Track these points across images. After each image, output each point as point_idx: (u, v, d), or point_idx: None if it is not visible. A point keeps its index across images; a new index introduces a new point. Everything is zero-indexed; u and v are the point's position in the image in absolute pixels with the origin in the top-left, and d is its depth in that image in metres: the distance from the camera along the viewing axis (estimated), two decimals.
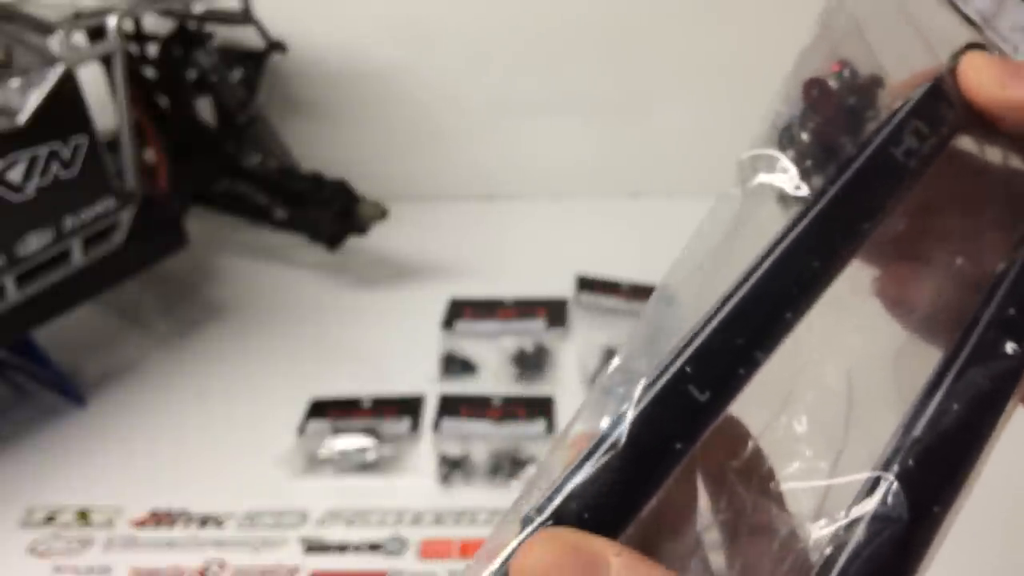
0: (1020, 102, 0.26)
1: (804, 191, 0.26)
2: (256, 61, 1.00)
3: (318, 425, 0.77)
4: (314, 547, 0.66)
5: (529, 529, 0.21)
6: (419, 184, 1.16)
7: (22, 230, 0.71)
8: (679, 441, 0.22)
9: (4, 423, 0.79)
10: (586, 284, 0.93)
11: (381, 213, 0.94)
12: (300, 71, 1.10)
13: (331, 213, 0.94)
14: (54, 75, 0.71)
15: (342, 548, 0.66)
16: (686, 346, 0.23)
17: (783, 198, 0.26)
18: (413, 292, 0.97)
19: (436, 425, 0.76)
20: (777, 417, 0.26)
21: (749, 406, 0.24)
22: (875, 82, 0.28)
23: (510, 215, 1.13)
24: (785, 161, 0.26)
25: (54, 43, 0.73)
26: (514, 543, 0.21)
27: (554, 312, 0.90)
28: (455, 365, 0.83)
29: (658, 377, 0.22)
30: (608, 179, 1.14)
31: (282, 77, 1.10)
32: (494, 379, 0.82)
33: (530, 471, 0.71)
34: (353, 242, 0.97)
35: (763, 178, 0.26)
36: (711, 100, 1.06)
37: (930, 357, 0.25)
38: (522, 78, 1.11)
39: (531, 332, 0.87)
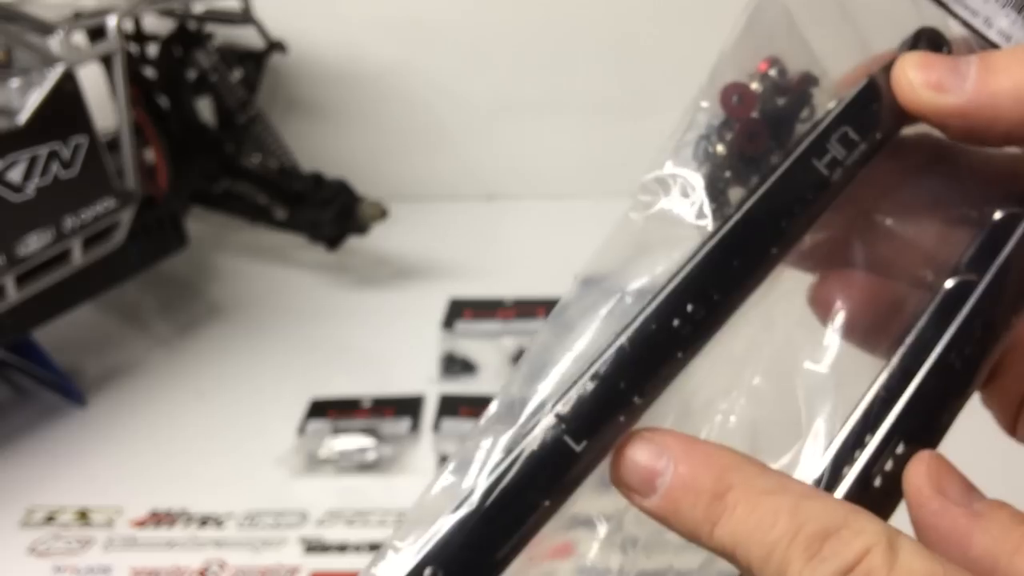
0: (957, 109, 0.23)
1: (707, 220, 0.24)
2: (256, 61, 1.00)
3: (318, 425, 0.77)
4: (314, 547, 0.66)
5: None
6: (419, 184, 1.16)
7: (22, 230, 0.71)
8: (547, 498, 0.21)
9: (4, 423, 0.79)
10: (585, 284, 0.93)
11: (381, 213, 0.94)
12: (300, 71, 1.10)
13: (331, 213, 0.94)
14: (54, 75, 0.71)
15: (342, 548, 0.66)
16: (564, 392, 0.22)
17: (694, 225, 0.24)
18: (413, 292, 0.97)
19: (436, 425, 0.76)
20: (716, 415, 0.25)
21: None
22: (808, 80, 0.25)
23: (510, 215, 1.13)
24: (693, 179, 0.24)
25: (54, 43, 0.73)
26: None
27: None
28: (455, 365, 0.83)
29: (529, 427, 0.21)
30: (608, 179, 1.14)
31: (282, 77, 1.10)
32: (494, 379, 0.82)
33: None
34: (353, 242, 0.97)
35: (664, 204, 0.25)
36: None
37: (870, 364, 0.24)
38: (522, 78, 1.11)
39: (531, 332, 0.87)
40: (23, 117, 0.69)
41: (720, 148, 0.24)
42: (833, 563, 0.19)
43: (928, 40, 0.26)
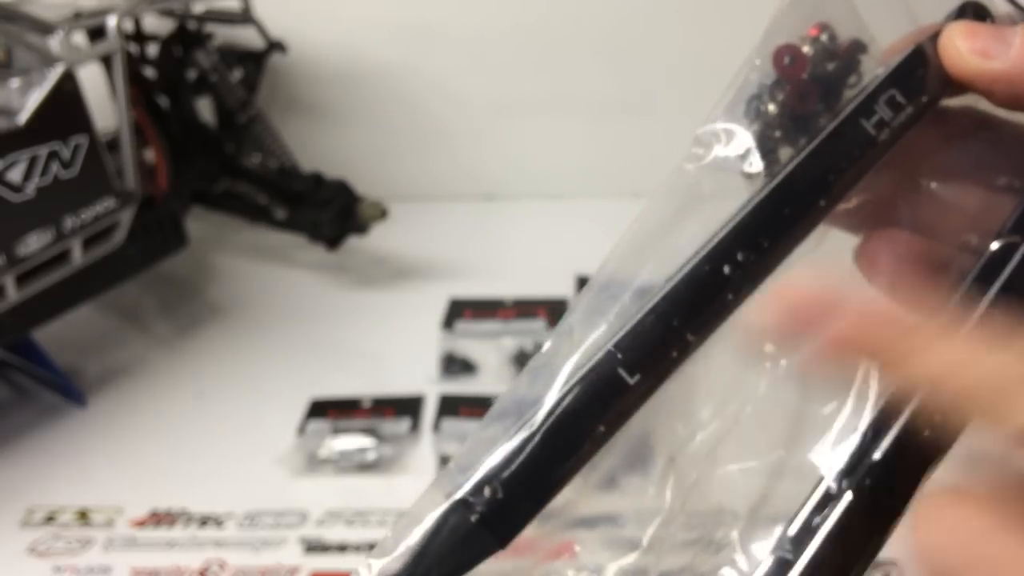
0: (1003, 74, 0.24)
1: (758, 168, 0.25)
2: (256, 61, 1.00)
3: (318, 425, 0.77)
4: (314, 547, 0.66)
5: (446, 505, 0.21)
6: (419, 184, 1.16)
7: (22, 230, 0.71)
8: (603, 424, 0.21)
9: (4, 423, 0.79)
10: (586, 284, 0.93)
11: (381, 213, 0.94)
12: (300, 71, 1.10)
13: (331, 213, 0.94)
14: (54, 75, 0.71)
15: (342, 548, 0.66)
16: (622, 327, 0.22)
17: (745, 174, 0.25)
18: (413, 292, 0.97)
19: (436, 425, 0.76)
20: (725, 406, 0.26)
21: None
22: (857, 47, 0.26)
23: (510, 215, 1.13)
24: (744, 135, 0.25)
25: (54, 43, 0.73)
26: (435, 514, 0.21)
27: (554, 312, 0.90)
28: (455, 365, 0.83)
29: (588, 360, 0.22)
30: (608, 179, 1.14)
31: (282, 77, 1.10)
32: (494, 379, 0.82)
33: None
34: (353, 242, 0.97)
35: (717, 152, 0.25)
36: (712, 100, 1.05)
37: None
38: (522, 78, 1.11)
39: (531, 332, 0.87)
40: (23, 117, 0.69)
41: (771, 107, 0.25)
42: None
43: (974, 12, 0.26)
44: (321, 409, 0.79)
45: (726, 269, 0.23)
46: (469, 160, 1.17)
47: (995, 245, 0.24)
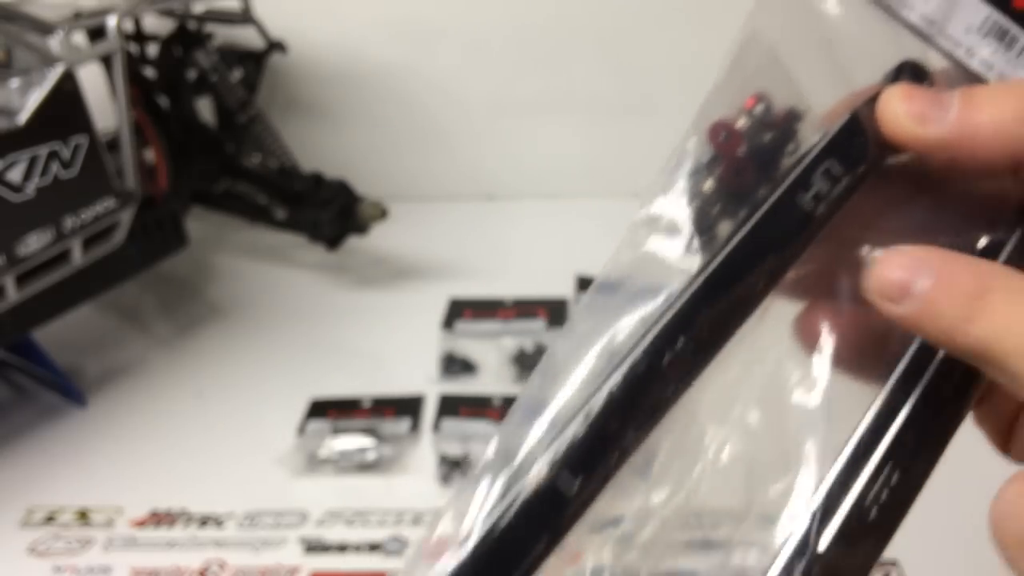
0: (941, 140, 0.24)
1: (695, 259, 0.24)
2: (256, 61, 1.00)
3: (318, 425, 0.77)
4: (314, 547, 0.66)
5: None
6: (419, 184, 1.16)
7: (22, 230, 0.71)
8: (542, 540, 0.21)
9: (4, 423, 0.79)
10: (586, 284, 0.93)
11: (381, 213, 0.94)
12: (300, 71, 1.10)
13: (331, 213, 0.94)
14: (54, 75, 0.71)
15: (342, 548, 0.66)
16: (557, 435, 0.22)
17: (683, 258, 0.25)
18: (413, 292, 0.97)
19: (436, 425, 0.76)
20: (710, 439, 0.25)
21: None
22: (793, 116, 0.26)
23: (510, 215, 1.13)
24: (681, 218, 0.25)
25: (54, 43, 0.73)
26: None
27: (554, 312, 0.90)
28: (455, 365, 0.83)
29: (521, 471, 0.22)
30: (608, 179, 1.14)
31: (282, 77, 1.10)
32: (494, 379, 0.82)
33: None
34: (353, 242, 0.97)
35: (652, 243, 0.25)
36: None
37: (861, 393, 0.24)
38: (522, 78, 1.11)
39: (531, 332, 0.87)
40: (23, 117, 0.69)
41: (709, 184, 0.25)
42: None
43: (911, 72, 0.26)
44: (321, 409, 0.79)
45: (665, 360, 0.22)
46: (469, 160, 1.17)
47: None
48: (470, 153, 1.16)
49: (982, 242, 0.25)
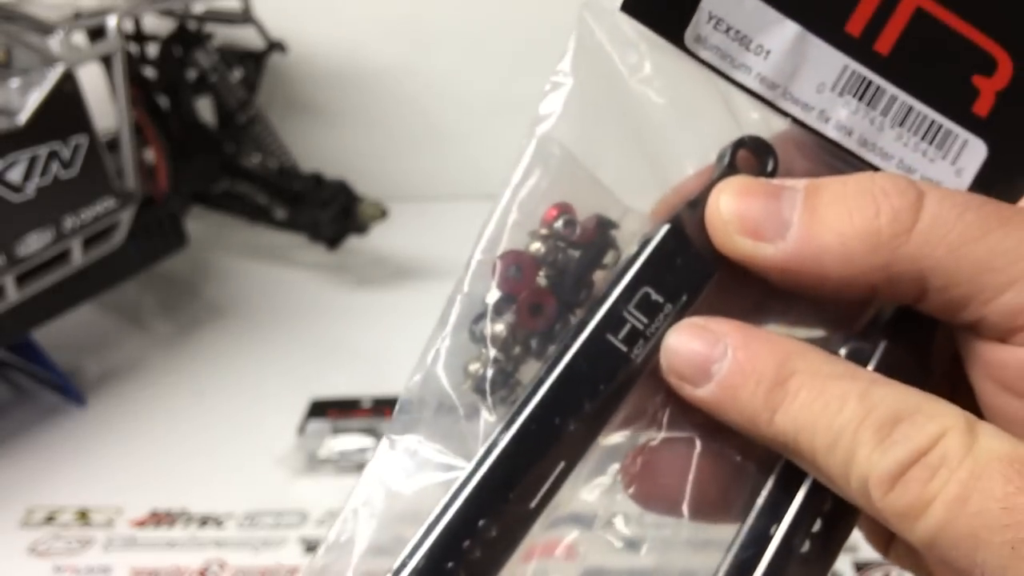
0: (778, 263, 0.20)
1: (461, 467, 0.20)
2: (256, 61, 1.00)
3: (318, 425, 0.77)
4: (314, 547, 0.66)
5: None
6: (419, 184, 1.15)
7: (22, 230, 0.71)
8: None
9: (4, 423, 0.79)
10: None
11: (381, 213, 0.94)
12: (300, 71, 1.10)
13: (331, 213, 0.94)
14: (54, 75, 0.71)
15: None
16: None
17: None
18: (413, 292, 0.97)
19: None
20: None
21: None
22: (603, 225, 0.22)
23: None
24: (449, 398, 0.21)
25: (54, 43, 0.73)
26: None
27: None
28: None
29: None
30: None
31: (282, 77, 1.10)
32: None
33: None
34: (353, 242, 0.97)
35: (407, 442, 0.22)
36: None
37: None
38: (522, 78, 1.11)
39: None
40: (23, 117, 0.69)
41: (499, 328, 0.21)
42: (905, 447, 0.18)
43: (752, 151, 0.22)
44: (321, 409, 0.79)
45: (466, 546, 0.20)
46: (469, 160, 1.17)
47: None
48: (470, 153, 1.16)
49: (842, 352, 0.22)
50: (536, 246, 0.21)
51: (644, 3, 0.21)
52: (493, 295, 0.21)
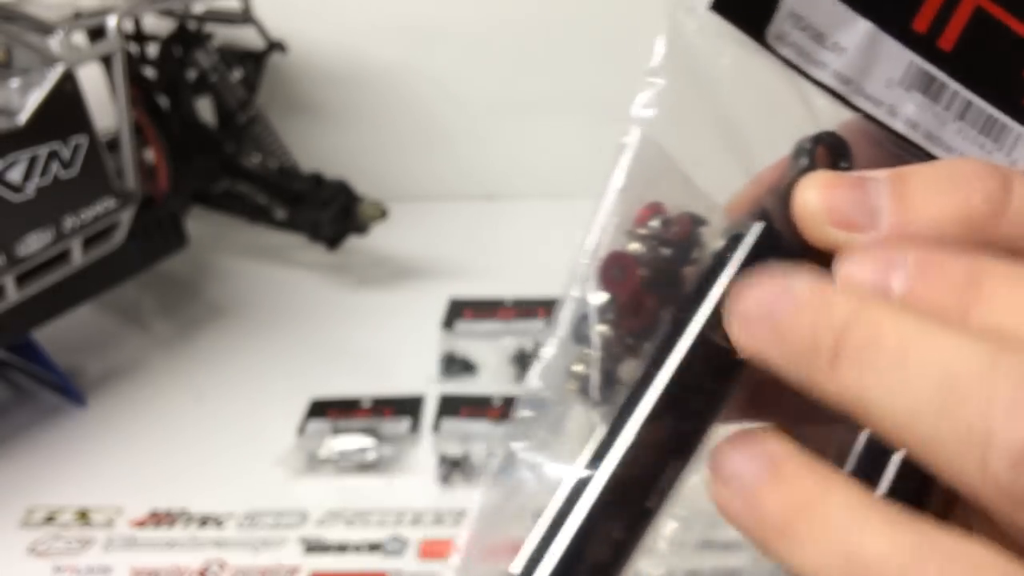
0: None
1: (582, 467, 0.20)
2: (256, 61, 1.00)
3: (318, 425, 0.77)
4: (314, 547, 0.66)
5: None
6: (419, 184, 1.15)
7: (22, 230, 0.71)
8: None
9: (4, 423, 0.79)
10: None
11: (381, 213, 0.94)
12: (300, 71, 1.10)
13: (331, 213, 0.94)
14: (54, 75, 0.71)
15: (342, 548, 0.66)
16: None
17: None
18: (413, 292, 0.97)
19: (436, 425, 0.76)
20: None
21: None
22: (694, 222, 0.22)
23: (510, 215, 1.13)
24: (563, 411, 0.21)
25: (54, 43, 0.73)
26: None
27: (554, 312, 0.89)
28: (455, 365, 0.83)
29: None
30: (608, 179, 1.14)
31: (282, 77, 1.09)
32: (494, 379, 0.82)
33: None
34: (353, 242, 0.97)
35: (520, 451, 0.21)
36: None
37: None
38: (522, 78, 1.11)
39: (531, 332, 0.87)
40: (23, 117, 0.69)
41: (603, 329, 0.22)
42: None
43: (828, 147, 0.22)
44: (321, 409, 0.79)
45: (593, 550, 0.20)
46: (469, 160, 1.17)
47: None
48: (470, 153, 1.16)
49: None
50: (635, 246, 0.22)
51: (732, 2, 0.22)
52: (598, 296, 0.22)
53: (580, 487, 0.20)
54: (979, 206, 0.19)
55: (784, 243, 0.21)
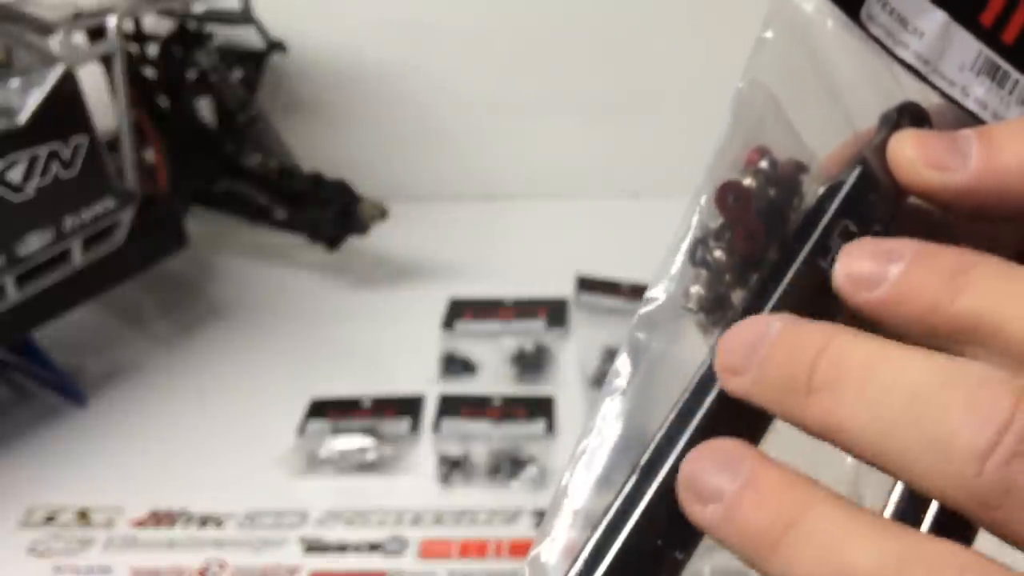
0: (964, 188, 0.22)
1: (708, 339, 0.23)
2: (256, 61, 1.00)
3: (318, 425, 0.77)
4: (314, 547, 0.66)
5: None
6: (419, 184, 1.16)
7: (22, 230, 0.71)
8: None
9: (4, 423, 0.79)
10: (586, 284, 0.93)
11: (381, 213, 0.94)
12: (300, 71, 1.10)
13: (331, 213, 0.94)
14: (54, 75, 0.71)
15: (342, 548, 0.66)
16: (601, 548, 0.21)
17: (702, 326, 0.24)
18: (413, 292, 0.97)
19: (436, 425, 0.76)
20: None
21: None
22: (798, 168, 0.24)
23: (510, 215, 1.13)
24: (694, 288, 0.23)
25: (54, 43, 0.73)
26: None
27: (554, 312, 0.90)
28: (455, 365, 0.83)
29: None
30: (608, 179, 1.14)
31: (282, 77, 1.10)
32: (494, 379, 0.82)
33: (529, 473, 0.71)
34: (353, 242, 0.97)
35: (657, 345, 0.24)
36: (711, 100, 1.05)
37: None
38: (522, 78, 1.11)
39: (531, 332, 0.87)
40: (23, 117, 0.69)
41: (719, 253, 0.23)
42: None
43: (911, 115, 0.24)
44: (321, 409, 0.79)
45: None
46: (469, 160, 1.17)
47: None
48: (470, 153, 1.16)
49: None
50: (747, 181, 0.24)
51: None
52: (715, 221, 0.23)
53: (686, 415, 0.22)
54: None
55: (880, 186, 0.23)
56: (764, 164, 0.24)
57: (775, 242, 0.24)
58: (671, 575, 0.21)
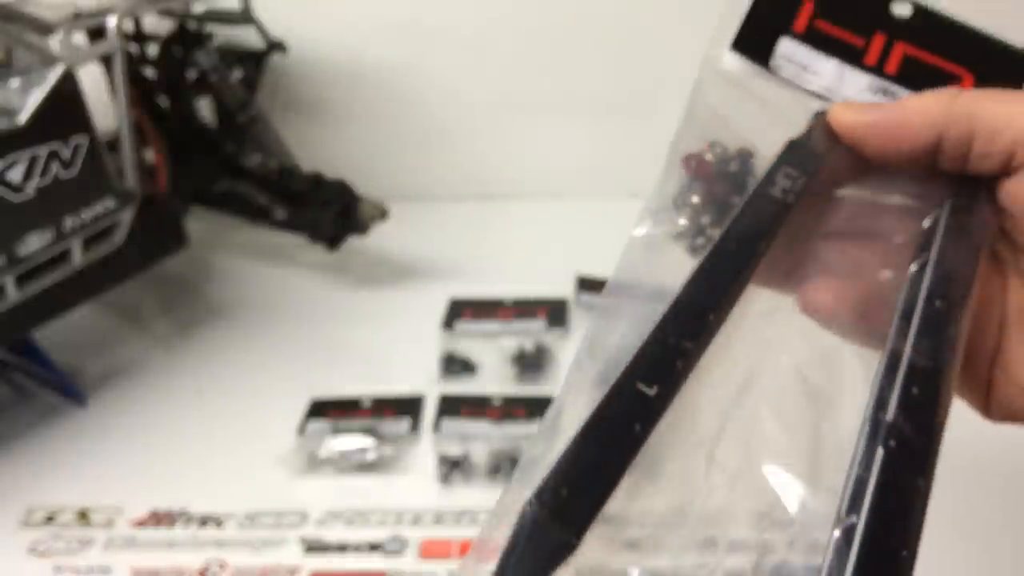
0: (879, 123, 0.31)
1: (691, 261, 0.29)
2: (256, 61, 1.00)
3: (318, 425, 0.77)
4: (314, 547, 0.66)
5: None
6: (419, 184, 1.16)
7: (22, 230, 0.71)
8: (638, 423, 0.24)
9: (4, 423, 0.79)
10: (586, 284, 0.93)
11: (381, 213, 0.94)
12: (300, 71, 1.10)
13: (331, 213, 0.94)
14: (54, 75, 0.71)
15: (342, 548, 0.66)
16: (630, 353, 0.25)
17: (691, 248, 0.32)
18: (413, 292, 0.97)
19: (436, 425, 0.76)
20: (740, 405, 0.29)
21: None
22: (747, 153, 0.33)
23: (510, 215, 1.13)
24: (678, 227, 0.32)
25: (54, 43, 0.73)
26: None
27: (554, 312, 0.90)
28: (455, 365, 0.83)
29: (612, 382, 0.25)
30: (608, 179, 1.14)
31: (282, 77, 1.10)
32: (494, 379, 0.82)
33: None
34: (353, 242, 0.97)
35: (664, 230, 0.32)
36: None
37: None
38: (522, 78, 1.11)
39: (531, 332, 0.87)
40: (23, 117, 0.69)
41: (695, 198, 0.32)
42: None
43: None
44: (321, 409, 0.79)
45: (710, 295, 0.27)
46: (469, 160, 1.17)
47: (913, 267, 0.29)
48: (471, 153, 1.16)
49: (926, 222, 0.31)
50: (708, 156, 0.33)
51: (746, 45, 0.35)
52: (684, 180, 0.32)
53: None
54: (948, 90, 0.31)
55: (809, 148, 0.32)
56: (718, 149, 0.33)
57: (739, 197, 0.31)
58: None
